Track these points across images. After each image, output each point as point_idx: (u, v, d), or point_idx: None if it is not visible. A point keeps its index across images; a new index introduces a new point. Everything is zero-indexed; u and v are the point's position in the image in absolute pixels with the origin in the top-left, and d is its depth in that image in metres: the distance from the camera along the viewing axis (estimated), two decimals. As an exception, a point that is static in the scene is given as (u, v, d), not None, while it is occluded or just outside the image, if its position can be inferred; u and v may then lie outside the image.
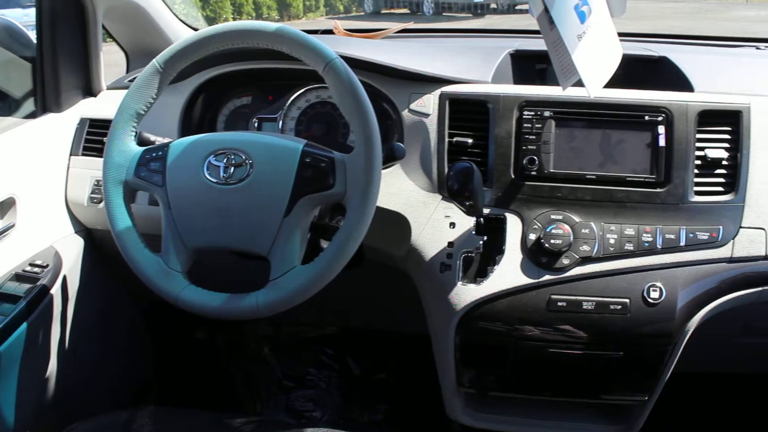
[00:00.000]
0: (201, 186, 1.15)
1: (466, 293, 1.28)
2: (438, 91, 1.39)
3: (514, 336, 1.30)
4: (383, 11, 16.56)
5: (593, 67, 1.17)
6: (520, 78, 1.56)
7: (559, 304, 1.27)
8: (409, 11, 16.21)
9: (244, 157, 1.15)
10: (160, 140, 1.28)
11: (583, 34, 1.14)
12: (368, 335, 2.22)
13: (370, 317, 2.01)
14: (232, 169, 1.15)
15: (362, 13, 16.65)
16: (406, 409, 2.10)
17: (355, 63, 1.34)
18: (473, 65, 1.46)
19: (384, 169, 1.37)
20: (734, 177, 1.32)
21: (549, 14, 1.11)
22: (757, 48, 1.91)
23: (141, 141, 1.26)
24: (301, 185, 1.13)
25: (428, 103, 1.39)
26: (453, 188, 1.18)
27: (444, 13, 14.81)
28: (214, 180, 1.15)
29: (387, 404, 2.10)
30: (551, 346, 1.30)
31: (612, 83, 1.32)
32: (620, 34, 1.95)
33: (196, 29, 1.82)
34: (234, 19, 12.82)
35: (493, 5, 15.46)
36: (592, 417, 1.47)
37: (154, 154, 1.20)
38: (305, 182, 1.14)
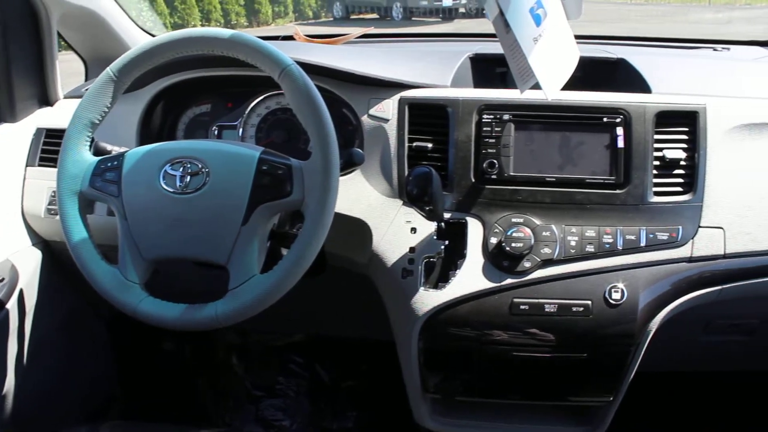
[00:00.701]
0: (157, 196, 1.13)
1: (428, 299, 1.28)
2: (397, 96, 1.39)
3: (478, 340, 1.30)
4: (352, 16, 16.56)
5: (550, 70, 1.17)
6: (481, 81, 1.56)
7: (522, 307, 1.27)
8: (378, 16, 16.25)
9: (200, 166, 1.14)
10: (117, 150, 1.26)
11: (538, 37, 1.14)
12: (337, 342, 2.21)
13: (338, 324, 2.00)
14: (189, 178, 1.13)
15: (331, 19, 16.63)
16: (375, 415, 2.09)
17: (312, 69, 1.33)
18: (432, 69, 1.46)
19: (343, 175, 1.36)
20: (692, 177, 1.33)
21: (504, 18, 1.11)
22: (714, 50, 1.94)
23: (97, 151, 1.23)
24: (259, 193, 1.12)
25: (387, 108, 1.38)
26: (412, 193, 1.17)
27: (413, 18, 14.85)
28: (171, 189, 1.13)
29: (357, 411, 2.09)
30: (515, 350, 1.30)
31: (571, 85, 1.33)
32: (579, 37, 1.96)
33: (155, 36, 1.80)
34: (202, 25, 12.77)
35: (462, 9, 15.54)
36: (559, 419, 1.47)
37: (109, 164, 1.18)
38: (262, 190, 1.12)
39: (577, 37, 1.99)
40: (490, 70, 1.61)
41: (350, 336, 2.06)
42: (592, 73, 1.57)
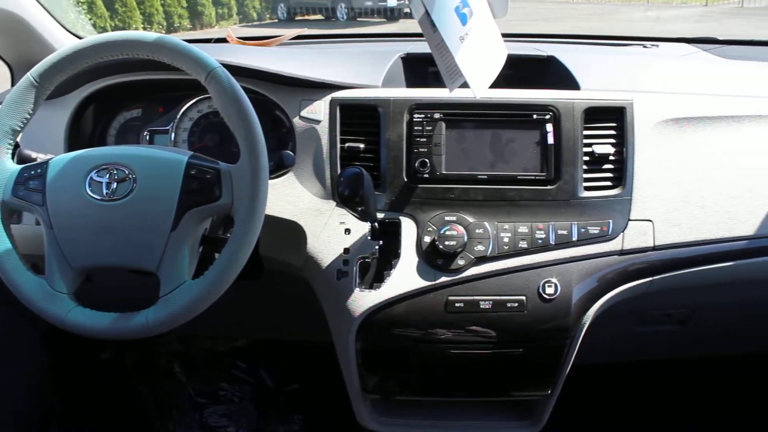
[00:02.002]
0: (83, 203, 1.11)
1: (363, 299, 1.28)
2: (328, 97, 1.38)
3: (415, 339, 1.30)
4: (297, 18, 16.42)
5: (477, 68, 1.18)
6: (414, 81, 1.56)
7: (457, 305, 1.27)
8: (323, 17, 16.16)
9: (127, 172, 1.12)
10: (42, 157, 1.23)
11: (465, 35, 1.15)
12: (281, 346, 2.19)
13: (281, 327, 1.98)
14: (115, 184, 1.11)
15: (276, 20, 16.46)
16: (321, 418, 2.08)
17: (241, 71, 1.32)
18: (363, 70, 1.46)
19: (275, 177, 1.36)
20: (621, 171, 1.35)
21: (430, 17, 1.12)
22: (644, 46, 1.99)
23: (21, 158, 1.20)
24: (187, 198, 1.11)
25: (319, 109, 1.38)
26: (343, 194, 1.17)
27: (358, 19, 14.80)
28: (97, 197, 1.10)
29: (302, 414, 2.08)
30: (452, 347, 1.31)
31: (502, 83, 1.34)
32: (511, 35, 2.00)
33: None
34: (145, 29, 12.53)
35: (407, 10, 15.51)
36: (499, 414, 1.49)
37: (32, 172, 1.14)
38: (191, 195, 1.11)
39: (509, 35, 2.02)
40: (423, 69, 1.61)
41: (294, 339, 2.04)
42: (523, 70, 1.59)
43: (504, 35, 1.96)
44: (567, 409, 1.55)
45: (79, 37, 1.76)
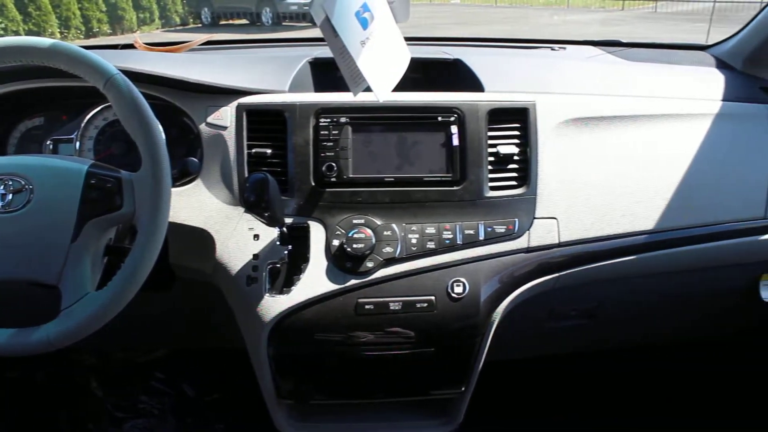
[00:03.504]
0: None
1: (273, 305, 1.27)
2: (235, 103, 1.37)
3: (326, 343, 1.30)
4: (222, 22, 16.23)
5: (380, 72, 1.19)
6: (322, 86, 1.56)
7: (367, 307, 1.28)
8: (248, 22, 16.00)
9: (23, 183, 1.09)
10: None
11: (366, 40, 1.16)
12: (200, 355, 2.16)
13: (199, 336, 1.95)
14: (11, 195, 1.08)
15: (200, 25, 16.21)
16: (243, 426, 2.05)
17: (145, 78, 1.30)
18: (270, 75, 1.45)
19: (181, 185, 1.35)
20: (526, 171, 1.38)
21: (331, 22, 1.12)
22: (552, 49, 2.04)
23: None
24: (88, 208, 1.08)
25: (225, 115, 1.37)
26: (249, 200, 1.16)
27: (284, 23, 14.72)
28: None
29: (224, 423, 2.05)
30: (364, 349, 1.31)
31: (410, 86, 1.36)
32: (423, 39, 2.03)
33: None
34: (61, 33, 12.14)
35: (332, 14, 15.46)
36: (416, 414, 1.50)
37: None
38: (91, 205, 1.09)
39: (420, 39, 2.06)
40: (332, 73, 1.61)
41: (214, 347, 2.02)
42: (431, 74, 1.62)
43: (415, 39, 2.00)
44: (483, 405, 1.57)
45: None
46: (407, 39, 1.26)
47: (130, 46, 1.79)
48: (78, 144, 1.48)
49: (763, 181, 1.49)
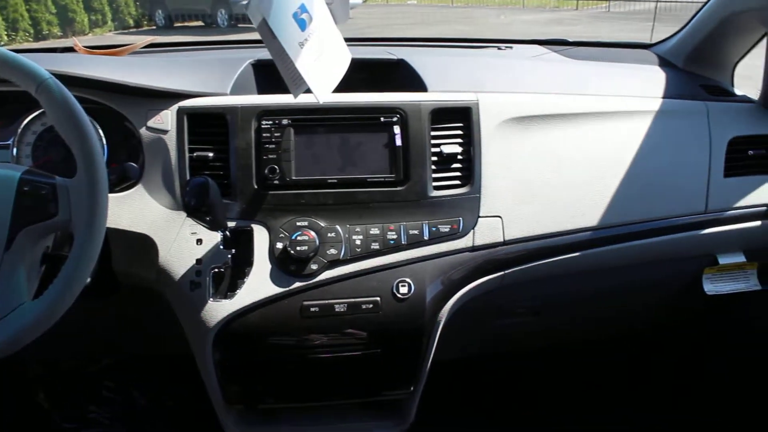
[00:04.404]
0: None
1: (217, 310, 1.26)
2: (175, 107, 1.35)
3: (272, 346, 1.29)
4: (177, 24, 16.06)
5: (319, 74, 1.19)
6: (266, 88, 1.55)
7: (312, 309, 1.28)
8: (203, 24, 15.87)
9: None
10: None
11: (305, 41, 1.15)
12: (151, 361, 2.13)
13: (147, 343, 1.93)
14: None
15: (154, 27, 16.00)
16: None
17: (82, 82, 1.28)
18: (212, 77, 1.44)
19: (121, 191, 1.32)
20: (469, 170, 1.39)
21: (268, 24, 1.11)
22: (499, 48, 2.05)
23: None
24: (21, 216, 1.05)
25: (166, 119, 1.35)
26: (190, 204, 1.15)
27: (239, 25, 14.60)
28: None
29: (175, 430, 2.03)
30: (310, 352, 1.31)
31: (354, 87, 1.36)
32: (368, 39, 2.03)
33: None
34: (8, 36, 11.86)
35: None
36: (366, 415, 1.50)
37: None
38: (25, 212, 1.05)
39: (367, 39, 2.05)
40: (274, 75, 1.60)
41: (164, 353, 1.99)
42: (375, 74, 1.61)
43: (360, 39, 2.00)
44: (434, 404, 1.58)
45: None
46: (352, 40, 1.26)
47: (70, 50, 1.75)
48: (15, 150, 1.44)
49: (703, 176, 1.52)
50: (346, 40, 1.29)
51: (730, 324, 1.90)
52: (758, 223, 1.55)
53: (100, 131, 1.36)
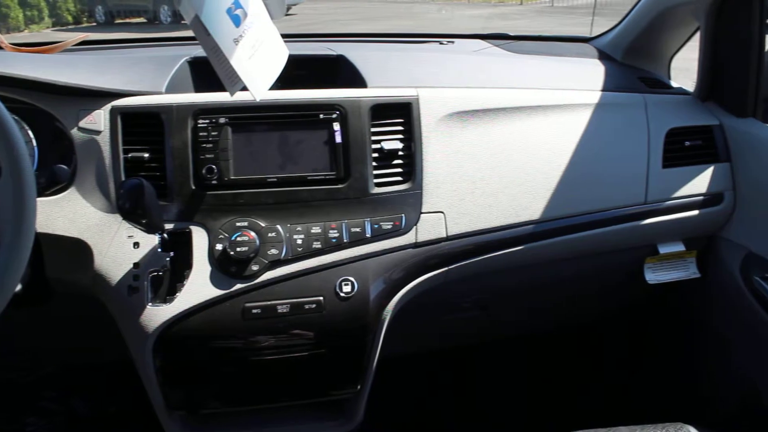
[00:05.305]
0: None
1: (156, 314, 1.23)
2: (108, 106, 1.31)
3: (214, 350, 1.27)
4: (118, 21, 15.71)
5: (255, 71, 1.16)
6: (204, 86, 1.51)
7: (254, 311, 1.25)
8: (146, 20, 15.56)
9: None
10: None
11: (239, 38, 1.13)
12: (89, 369, 2.07)
13: (86, 350, 1.87)
14: None
15: (94, 24, 15.63)
16: None
17: (5, 81, 1.23)
18: (146, 76, 1.40)
19: (52, 194, 1.28)
20: (411, 166, 1.38)
21: (201, 20, 1.09)
22: (441, 43, 2.05)
23: None
24: None
25: (98, 119, 1.30)
26: (124, 207, 1.11)
27: (183, 21, 14.30)
28: None
29: (120, 439, 1.98)
30: (254, 354, 1.29)
31: (294, 84, 1.33)
32: (308, 35, 2.00)
33: None
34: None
35: (235, 12, 15.16)
36: (314, 416, 1.48)
37: None
38: None
39: (307, 35, 2.03)
40: (212, 73, 1.57)
41: (102, 360, 1.93)
42: (315, 71, 1.59)
43: (301, 35, 1.98)
44: (384, 401, 1.57)
45: None
46: (292, 36, 1.23)
47: (-5, 47, 1.68)
48: None
49: (642, 167, 1.55)
50: (286, 36, 1.27)
51: (670, 312, 1.94)
52: (696, 212, 1.58)
53: (30, 132, 1.31)
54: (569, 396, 2.17)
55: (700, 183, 1.58)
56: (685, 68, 1.99)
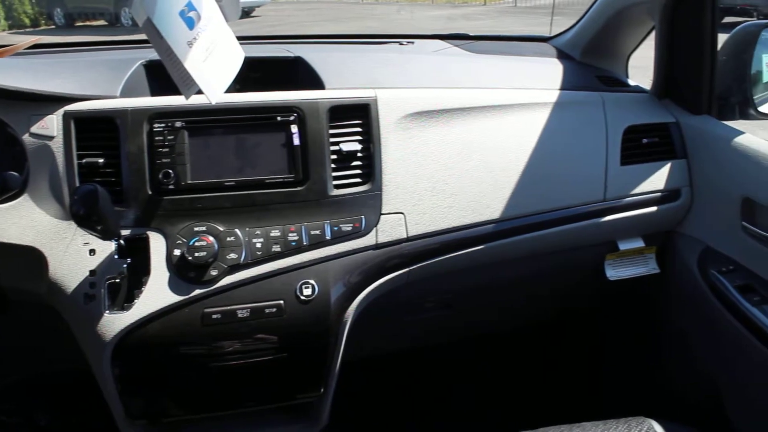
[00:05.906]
0: None
1: (114, 322, 1.21)
2: (61, 111, 1.29)
3: (175, 357, 1.25)
4: (77, 24, 15.48)
5: (210, 74, 1.15)
6: (161, 89, 1.49)
7: (214, 317, 1.24)
8: (107, 23, 15.36)
9: None
10: None
11: (193, 40, 1.12)
12: (49, 379, 2.03)
13: (45, 360, 1.84)
14: None
15: (53, 27, 15.37)
16: None
17: None
18: (100, 79, 1.38)
19: (3, 202, 1.25)
20: (370, 167, 1.38)
21: (154, 23, 1.07)
22: (401, 44, 2.05)
23: None
24: None
25: (51, 124, 1.28)
26: (78, 213, 1.09)
27: (143, 24, 14.21)
28: None
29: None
30: (215, 360, 1.27)
31: (250, 86, 1.32)
32: (265, 37, 1.99)
33: None
34: None
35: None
36: (278, 421, 1.47)
37: None
38: None
39: (264, 37, 2.02)
40: (168, 76, 1.55)
41: (62, 370, 1.90)
42: (272, 73, 1.58)
43: (258, 37, 1.96)
44: (349, 403, 1.57)
45: None
46: (249, 38, 1.22)
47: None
48: None
49: (601, 165, 1.56)
50: (244, 38, 1.26)
51: (631, 307, 1.96)
52: (654, 208, 1.60)
53: None
54: (534, 393, 2.19)
55: (657, 180, 1.60)
56: (644, 66, 2.01)
